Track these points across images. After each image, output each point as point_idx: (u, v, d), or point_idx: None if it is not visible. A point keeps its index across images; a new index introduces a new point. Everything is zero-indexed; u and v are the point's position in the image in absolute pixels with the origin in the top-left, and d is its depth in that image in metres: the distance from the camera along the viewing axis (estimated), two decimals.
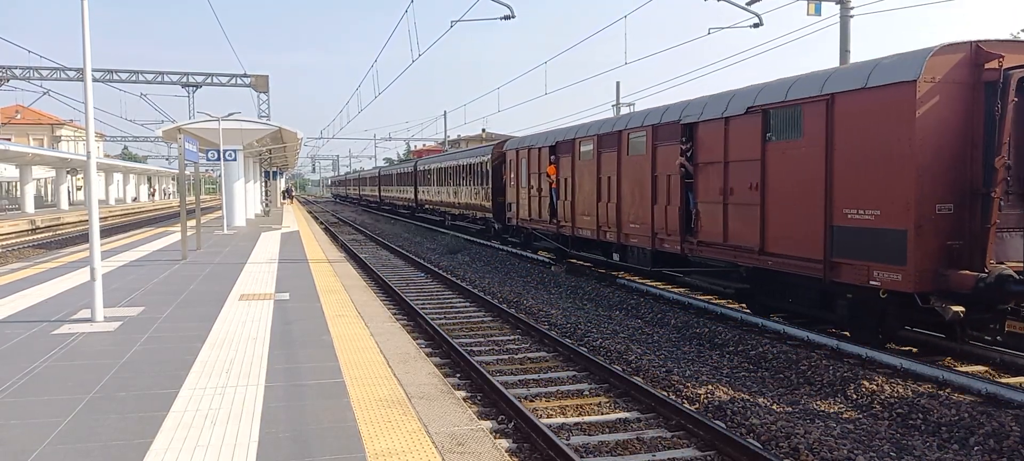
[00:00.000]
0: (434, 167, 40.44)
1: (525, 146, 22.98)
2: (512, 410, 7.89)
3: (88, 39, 9.08)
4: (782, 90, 11.32)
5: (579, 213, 18.49)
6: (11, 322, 9.19)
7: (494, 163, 27.45)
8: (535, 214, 21.97)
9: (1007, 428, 7.22)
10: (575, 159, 18.63)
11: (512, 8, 21.76)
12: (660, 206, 14.68)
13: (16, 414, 5.55)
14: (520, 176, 23.24)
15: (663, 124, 14.59)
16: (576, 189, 18.60)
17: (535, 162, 21.75)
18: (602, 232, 17.28)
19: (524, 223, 23.16)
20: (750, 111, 11.81)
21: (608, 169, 16.86)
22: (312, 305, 10.52)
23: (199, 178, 26.09)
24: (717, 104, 12.89)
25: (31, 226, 39.38)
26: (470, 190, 31.33)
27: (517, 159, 23.63)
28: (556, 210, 20.15)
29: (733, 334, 11.63)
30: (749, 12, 19.06)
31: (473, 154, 31.41)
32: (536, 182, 21.64)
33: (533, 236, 23.10)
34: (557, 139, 20.03)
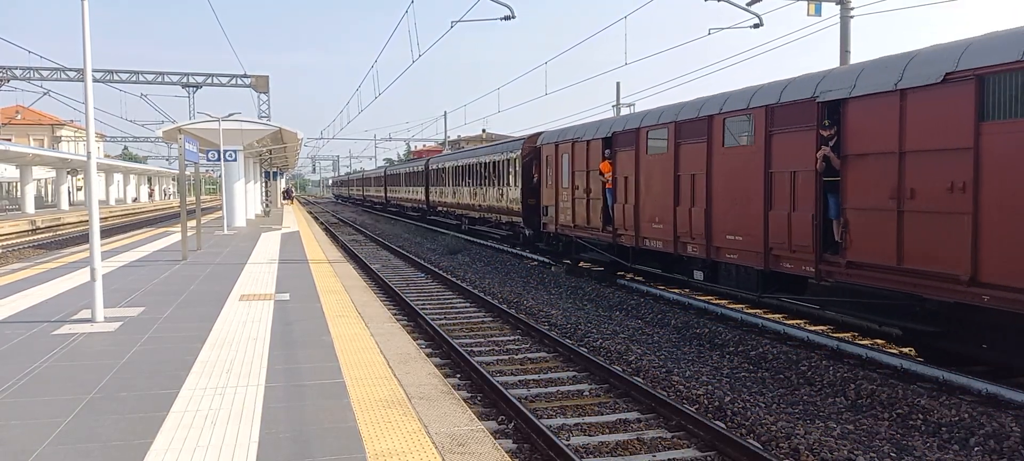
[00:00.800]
0: (449, 165, 36.06)
1: (568, 139, 19.30)
2: (512, 410, 7.89)
3: (88, 39, 9.08)
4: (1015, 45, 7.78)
5: (646, 220, 15.27)
6: (11, 322, 9.19)
7: (525, 160, 23.62)
8: (581, 219, 18.41)
9: (1007, 429, 7.22)
10: (640, 153, 15.44)
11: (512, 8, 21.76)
12: (778, 213, 11.17)
13: (16, 414, 5.56)
14: (560, 174, 19.74)
15: (784, 105, 11.12)
16: (641, 190, 15.45)
17: (581, 157, 18.31)
18: (680, 244, 13.93)
19: (565, 230, 19.51)
20: (949, 79, 8.41)
21: (691, 164, 13.59)
22: (312, 305, 10.52)
23: (199, 178, 26.09)
24: (882, 72, 9.49)
25: (31, 226, 39.38)
26: (494, 191, 27.35)
27: (557, 155, 20.02)
28: (611, 215, 16.86)
29: (733, 335, 11.63)
30: (749, 12, 19.05)
31: (498, 150, 27.37)
32: (583, 182, 18.19)
33: (577, 246, 19.37)
34: (614, 129, 16.84)
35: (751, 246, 11.93)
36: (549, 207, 20.72)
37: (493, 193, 27.63)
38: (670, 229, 14.32)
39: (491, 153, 28.21)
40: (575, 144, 18.79)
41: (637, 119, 15.97)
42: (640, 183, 15.56)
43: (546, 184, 21.05)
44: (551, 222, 20.65)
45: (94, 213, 9.38)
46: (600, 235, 17.55)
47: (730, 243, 12.53)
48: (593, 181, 17.73)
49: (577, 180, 18.62)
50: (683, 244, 13.94)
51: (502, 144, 27.33)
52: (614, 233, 16.76)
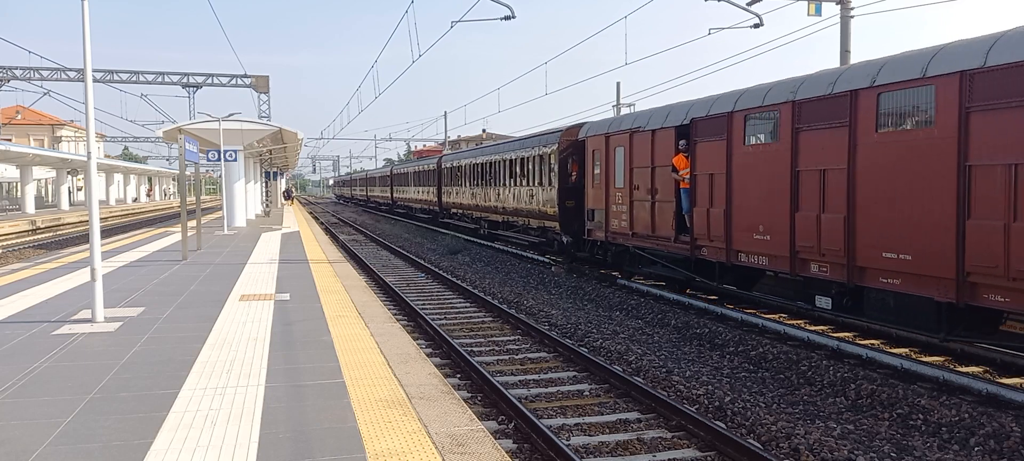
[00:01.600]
0: (466, 163, 32.56)
1: (623, 129, 16.56)
2: (512, 410, 7.89)
3: (88, 40, 9.08)
4: None
5: (742, 228, 12.38)
6: (11, 322, 9.19)
7: (562, 155, 20.37)
8: (641, 226, 15.68)
9: (1007, 429, 7.22)
10: (734, 144, 12.59)
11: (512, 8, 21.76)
12: (983, 225, 8.21)
13: (17, 414, 5.56)
14: (612, 172, 16.96)
15: (1001, 69, 8.00)
16: (735, 191, 12.54)
17: (643, 151, 15.58)
18: (799, 262, 11.06)
19: (619, 238, 16.78)
20: None
21: (819, 157, 10.60)
22: (312, 305, 10.52)
23: (199, 178, 26.09)
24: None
25: (31, 227, 39.38)
26: (523, 191, 24.00)
27: (607, 149, 17.19)
28: (687, 222, 14.11)
29: (733, 335, 11.63)
30: (749, 12, 19.06)
31: (528, 145, 23.92)
32: (645, 180, 15.44)
33: (633, 257, 16.65)
34: (693, 115, 13.81)
35: (928, 268, 8.87)
36: (596, 210, 17.91)
37: (521, 194, 24.31)
38: (783, 241, 11.30)
39: (518, 149, 24.81)
40: (634, 135, 15.89)
41: (729, 101, 12.94)
42: (733, 182, 12.58)
43: (592, 183, 18.13)
44: (598, 228, 17.79)
45: (94, 213, 9.38)
46: (671, 246, 14.63)
47: (888, 263, 9.47)
48: (660, 179, 14.96)
49: (636, 178, 15.81)
50: (803, 262, 10.99)
51: (533, 138, 23.74)
52: (692, 244, 13.79)
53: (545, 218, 22.00)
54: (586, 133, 18.77)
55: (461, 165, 33.70)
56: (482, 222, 30.67)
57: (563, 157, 20.40)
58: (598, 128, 18.15)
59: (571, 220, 19.87)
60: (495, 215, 28.15)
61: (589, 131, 18.60)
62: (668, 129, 14.75)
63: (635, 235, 16.05)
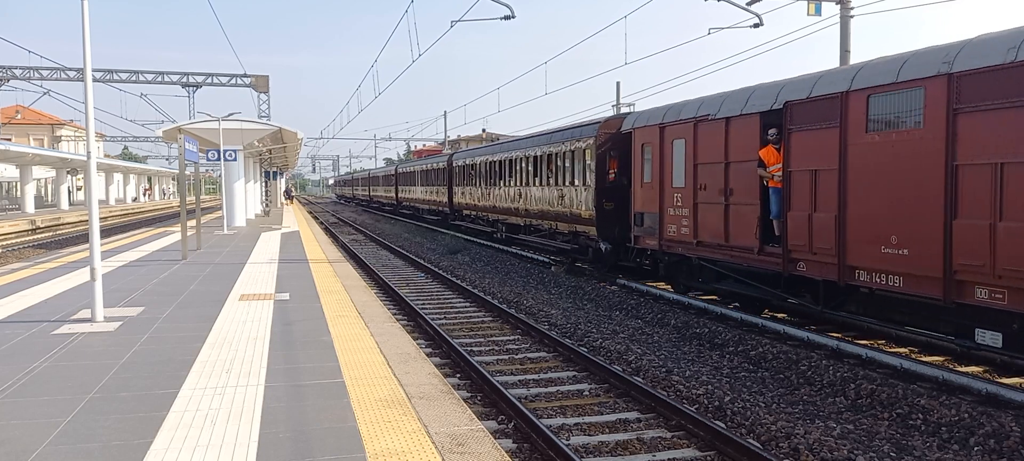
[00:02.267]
0: (482, 160, 29.83)
1: (685, 118, 14.03)
2: (512, 410, 7.89)
3: (88, 39, 9.08)
4: None
5: (863, 238, 9.96)
6: (11, 322, 9.19)
7: (600, 150, 17.91)
8: (710, 233, 13.31)
9: (1007, 428, 7.22)
10: (849, 132, 10.10)
11: (512, 8, 21.77)
12: None
13: (16, 414, 5.55)
14: (668, 169, 14.65)
15: None
16: (851, 190, 10.13)
17: (713, 143, 13.17)
18: (957, 286, 8.73)
19: (677, 247, 14.39)
20: None
21: (993, 145, 8.24)
22: (312, 305, 10.52)
23: (199, 178, 26.08)
24: None
25: (31, 226, 39.37)
26: (550, 192, 21.44)
27: (661, 142, 14.89)
28: (776, 229, 11.92)
29: (733, 334, 11.63)
30: (749, 12, 19.06)
31: (557, 139, 21.17)
32: (716, 178, 13.05)
33: (697, 270, 14.19)
34: (787, 98, 11.38)
35: None
36: (646, 214, 15.61)
37: (548, 194, 21.68)
38: (930, 257, 8.96)
39: (545, 144, 22.23)
40: (700, 125, 13.50)
41: (841, 77, 10.47)
42: (849, 180, 10.17)
43: (641, 182, 15.87)
44: (648, 235, 15.53)
45: (94, 213, 9.38)
46: (753, 259, 12.23)
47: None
48: (737, 177, 12.54)
49: (702, 176, 13.45)
50: (965, 286, 8.64)
51: (564, 131, 21.15)
52: (785, 257, 11.39)
53: (578, 222, 19.38)
54: (633, 124, 16.43)
55: (475, 163, 30.89)
56: (499, 225, 28.19)
57: (601, 152, 17.91)
58: (649, 118, 15.72)
59: (610, 224, 17.67)
60: (515, 217, 25.50)
61: (636, 122, 16.24)
62: (750, 116, 12.17)
63: (700, 244, 13.62)
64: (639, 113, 16.94)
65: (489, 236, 28.88)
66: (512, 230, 26.46)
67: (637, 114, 16.94)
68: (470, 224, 32.62)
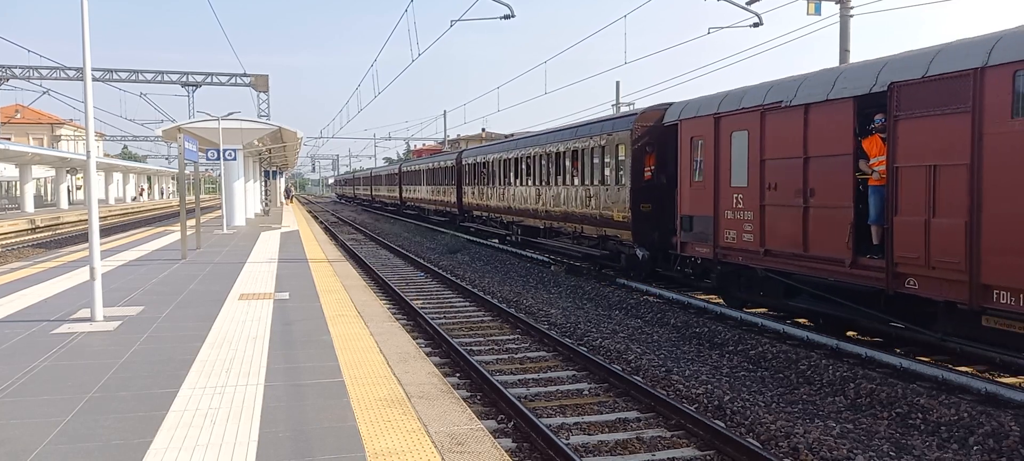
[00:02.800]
0: (495, 158, 27.85)
1: (750, 107, 12.24)
2: (512, 410, 7.90)
3: (88, 38, 9.07)
4: None
5: (1006, 251, 8.17)
6: (10, 322, 9.19)
7: (637, 146, 16.26)
8: (784, 241, 11.49)
9: (1006, 428, 7.23)
10: (985, 118, 8.29)
11: (512, 7, 21.78)
12: None
13: (16, 413, 5.55)
14: (724, 166, 12.94)
15: None
16: (989, 191, 8.33)
17: (788, 135, 11.33)
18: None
19: (738, 255, 12.64)
20: None
21: None
22: (312, 305, 10.52)
23: (199, 178, 26.08)
24: None
25: (31, 225, 39.37)
26: (576, 191, 19.52)
27: (716, 134, 13.11)
28: (874, 237, 10.23)
29: (733, 334, 11.64)
30: (749, 12, 19.06)
31: (584, 133, 19.24)
32: (792, 176, 11.22)
33: (769, 283, 12.25)
34: (894, 79, 9.45)
35: None
36: (696, 218, 13.87)
37: (573, 194, 19.76)
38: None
39: (570, 138, 20.16)
40: (769, 113, 11.68)
41: (975, 50, 8.46)
42: (985, 178, 8.30)
43: (689, 181, 14.06)
44: (699, 241, 13.77)
45: (93, 212, 9.38)
46: (844, 273, 10.33)
47: None
48: (821, 175, 10.69)
49: (772, 174, 11.68)
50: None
51: (592, 124, 19.23)
52: (890, 272, 9.60)
53: (609, 225, 17.55)
54: (679, 115, 14.56)
55: (488, 160, 28.82)
56: (513, 227, 26.21)
57: (638, 148, 16.20)
58: (700, 107, 13.88)
59: (648, 228, 16.07)
60: (533, 220, 23.49)
61: (684, 112, 14.42)
62: (840, 102, 10.28)
63: (769, 253, 11.79)
64: (686, 103, 14.63)
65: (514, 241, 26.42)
66: (529, 233, 24.61)
67: (684, 104, 14.69)
68: (481, 226, 30.80)
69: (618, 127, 17.17)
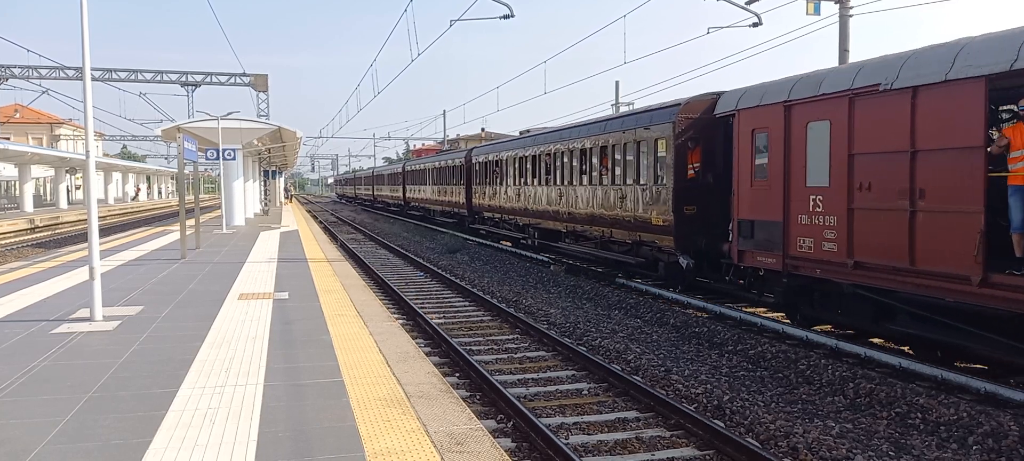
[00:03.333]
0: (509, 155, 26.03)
1: (834, 92, 10.45)
2: (511, 409, 7.90)
3: (87, 38, 9.07)
4: None
5: None
6: (10, 321, 9.19)
7: (679, 140, 14.57)
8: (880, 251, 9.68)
9: (1006, 427, 7.23)
10: None
11: (511, 7, 21.78)
12: None
13: (15, 413, 5.55)
14: (796, 162, 11.20)
15: None
16: None
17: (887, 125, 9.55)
18: None
19: (815, 268, 10.85)
20: None
21: None
22: (311, 304, 10.52)
23: (198, 177, 26.08)
24: None
25: (30, 225, 39.35)
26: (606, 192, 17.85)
27: (787, 125, 11.35)
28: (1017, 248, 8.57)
29: (732, 333, 11.64)
30: (748, 11, 19.06)
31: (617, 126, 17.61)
32: (894, 175, 9.46)
33: (852, 299, 10.61)
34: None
35: None
36: (758, 222, 12.11)
37: (602, 195, 18.11)
38: None
39: (599, 133, 18.48)
40: (860, 100, 9.96)
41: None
42: None
43: (751, 180, 12.27)
44: (764, 249, 11.95)
45: (93, 212, 9.38)
46: (971, 292, 8.51)
47: None
48: (935, 171, 8.93)
49: (863, 171, 9.94)
50: None
51: (624, 118, 17.73)
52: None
53: (645, 229, 15.94)
54: (737, 105, 12.73)
55: (501, 159, 27.05)
56: (530, 230, 24.45)
57: (681, 142, 14.56)
58: (763, 94, 12.04)
59: (693, 233, 14.45)
60: (552, 222, 21.87)
61: (743, 101, 12.59)
62: (967, 83, 8.44)
63: (859, 266, 10.02)
64: (745, 90, 12.79)
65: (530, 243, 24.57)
66: (547, 236, 22.84)
67: (742, 91, 12.84)
68: (493, 228, 28.95)
69: (658, 120, 15.42)
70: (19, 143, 57.34)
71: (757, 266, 12.37)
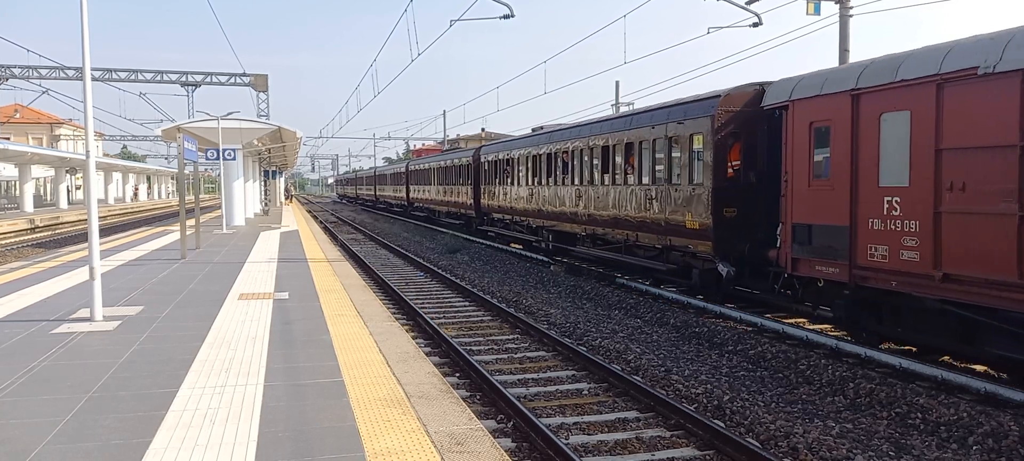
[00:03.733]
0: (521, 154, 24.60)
1: (911, 80, 9.28)
2: (511, 409, 7.90)
3: (87, 37, 9.07)
4: None
5: None
6: (10, 321, 9.19)
7: (719, 136, 13.27)
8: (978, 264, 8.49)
9: (1006, 427, 7.23)
10: None
11: (511, 7, 21.78)
12: None
13: (16, 413, 5.55)
14: (867, 160, 9.98)
15: None
16: None
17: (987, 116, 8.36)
18: None
19: (890, 279, 9.67)
20: None
21: None
22: (311, 304, 10.53)
23: (198, 177, 26.09)
24: None
25: (30, 225, 39.36)
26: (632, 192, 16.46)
27: (855, 117, 10.12)
28: None
29: (732, 333, 11.64)
30: (748, 11, 19.05)
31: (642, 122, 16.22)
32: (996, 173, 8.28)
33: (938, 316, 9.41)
34: None
35: None
36: (816, 227, 10.75)
37: (628, 196, 16.64)
38: None
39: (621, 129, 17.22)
40: (950, 86, 8.70)
41: None
42: None
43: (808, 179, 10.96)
44: (824, 258, 10.64)
45: (93, 212, 9.38)
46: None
47: None
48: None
49: (955, 168, 8.69)
50: None
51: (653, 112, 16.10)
52: None
53: (678, 233, 14.64)
54: (789, 95, 11.40)
55: (512, 157, 25.67)
56: (543, 233, 23.12)
57: (721, 138, 13.27)
58: (825, 82, 10.76)
59: (734, 237, 13.13)
60: (570, 225, 20.48)
61: (799, 90, 11.22)
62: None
63: (949, 279, 8.77)
64: (800, 78, 11.42)
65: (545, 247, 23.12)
66: (563, 240, 21.45)
67: (795, 80, 11.47)
68: (504, 230, 27.48)
69: (694, 113, 14.09)
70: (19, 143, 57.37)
71: (815, 276, 10.96)
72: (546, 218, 22.47)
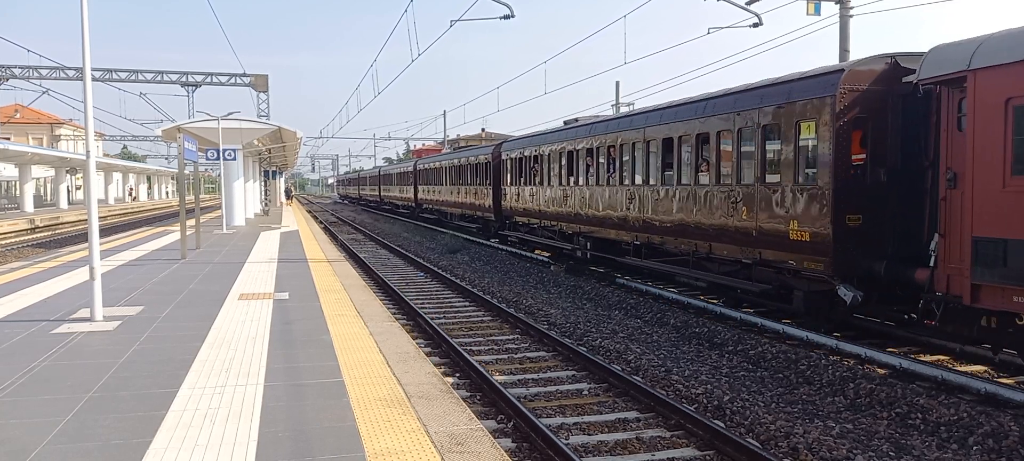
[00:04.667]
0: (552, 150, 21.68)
1: None
2: (511, 409, 7.90)
3: (87, 37, 9.08)
4: None
5: None
6: (10, 322, 9.19)
7: (840, 123, 10.38)
8: None
9: (1006, 428, 7.23)
10: None
11: (511, 7, 21.79)
12: None
13: (16, 413, 5.56)
14: None
15: None
16: None
17: None
18: None
19: None
20: None
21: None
22: (311, 304, 10.53)
23: (198, 177, 26.09)
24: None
25: (30, 225, 39.36)
26: (700, 194, 13.73)
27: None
28: None
29: (732, 334, 11.64)
30: (748, 12, 19.05)
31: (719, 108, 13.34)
32: None
33: None
34: None
35: None
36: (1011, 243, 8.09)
37: (700, 198, 13.76)
38: None
39: (688, 117, 14.35)
40: None
41: None
42: None
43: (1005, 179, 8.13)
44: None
45: (93, 212, 9.38)
46: None
47: None
48: None
49: None
50: None
51: (740, 94, 12.95)
52: None
53: (773, 245, 11.74)
54: (967, 63, 8.51)
55: (542, 154, 22.48)
56: (580, 240, 20.01)
57: (842, 126, 10.39)
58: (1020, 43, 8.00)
59: (859, 253, 10.43)
60: (617, 231, 17.37)
61: (978, 57, 8.42)
62: None
63: None
64: (981, 41, 8.53)
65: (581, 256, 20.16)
66: (605, 248, 18.59)
67: (978, 42, 8.55)
68: (528, 235, 24.53)
69: (803, 93, 11.11)
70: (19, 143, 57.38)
71: (1013, 310, 8.19)
72: (584, 223, 19.34)
